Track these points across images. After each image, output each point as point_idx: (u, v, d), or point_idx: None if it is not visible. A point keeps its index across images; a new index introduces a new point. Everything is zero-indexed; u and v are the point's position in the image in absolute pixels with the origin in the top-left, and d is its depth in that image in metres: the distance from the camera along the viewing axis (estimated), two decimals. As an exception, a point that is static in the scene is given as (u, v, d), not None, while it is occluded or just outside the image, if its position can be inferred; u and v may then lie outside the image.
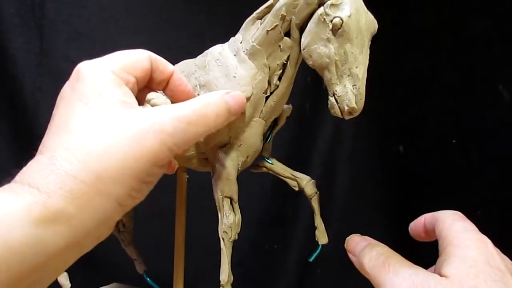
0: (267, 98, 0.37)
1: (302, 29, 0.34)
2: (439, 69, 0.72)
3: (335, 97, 0.32)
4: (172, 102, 0.34)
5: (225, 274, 0.39)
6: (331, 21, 0.30)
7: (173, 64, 0.34)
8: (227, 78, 0.36)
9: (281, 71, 0.36)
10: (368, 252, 0.31)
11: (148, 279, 0.51)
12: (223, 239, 0.39)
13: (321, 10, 0.31)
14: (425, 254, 0.33)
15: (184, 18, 0.80)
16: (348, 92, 0.31)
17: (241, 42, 0.37)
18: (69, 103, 0.27)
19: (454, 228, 0.30)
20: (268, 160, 0.43)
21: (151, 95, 0.32)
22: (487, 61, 0.68)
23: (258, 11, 0.36)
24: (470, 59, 0.68)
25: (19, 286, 0.22)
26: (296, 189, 0.43)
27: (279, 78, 0.36)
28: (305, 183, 0.42)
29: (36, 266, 0.23)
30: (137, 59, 0.30)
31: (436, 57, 0.71)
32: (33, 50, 0.80)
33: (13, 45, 0.79)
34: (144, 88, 0.32)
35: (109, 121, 0.26)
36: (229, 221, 0.39)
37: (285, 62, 0.36)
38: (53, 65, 0.80)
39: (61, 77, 0.29)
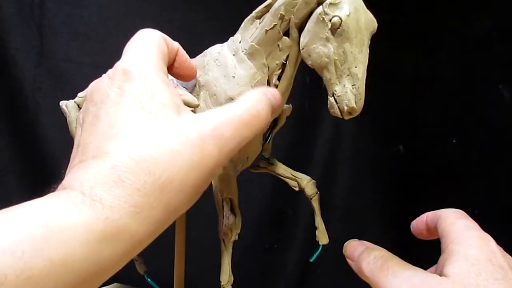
0: None
1: (301, 28, 0.33)
2: (439, 69, 0.72)
3: (334, 97, 0.31)
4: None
5: (225, 274, 0.39)
6: (330, 20, 0.30)
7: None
8: (226, 78, 0.36)
9: (280, 70, 0.36)
10: (366, 257, 0.30)
11: (148, 279, 0.51)
12: (223, 240, 0.39)
13: (320, 9, 0.31)
14: (426, 253, 0.33)
15: (184, 18, 0.80)
16: (347, 92, 0.30)
17: (240, 42, 0.36)
18: (119, 104, 0.25)
19: (456, 226, 0.30)
20: (269, 161, 0.43)
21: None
22: (487, 61, 0.68)
23: (256, 10, 0.35)
24: (470, 59, 0.68)
25: None
26: (297, 189, 0.43)
27: (279, 78, 0.36)
28: (306, 183, 0.42)
29: (87, 280, 0.22)
30: (163, 45, 0.29)
31: (436, 57, 0.71)
32: (33, 50, 0.80)
33: (13, 45, 0.79)
34: None
35: (169, 127, 0.25)
36: (229, 222, 0.39)
37: (284, 62, 0.35)
38: (53, 65, 0.80)
39: (61, 77, 0.28)
